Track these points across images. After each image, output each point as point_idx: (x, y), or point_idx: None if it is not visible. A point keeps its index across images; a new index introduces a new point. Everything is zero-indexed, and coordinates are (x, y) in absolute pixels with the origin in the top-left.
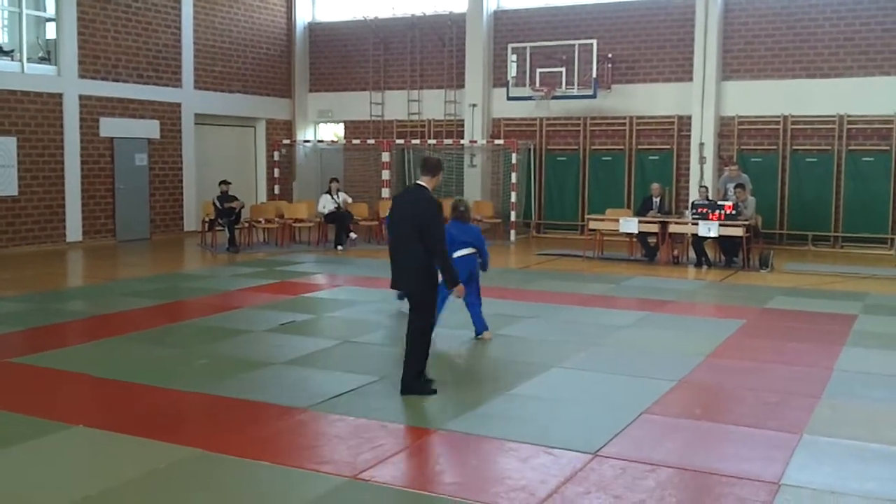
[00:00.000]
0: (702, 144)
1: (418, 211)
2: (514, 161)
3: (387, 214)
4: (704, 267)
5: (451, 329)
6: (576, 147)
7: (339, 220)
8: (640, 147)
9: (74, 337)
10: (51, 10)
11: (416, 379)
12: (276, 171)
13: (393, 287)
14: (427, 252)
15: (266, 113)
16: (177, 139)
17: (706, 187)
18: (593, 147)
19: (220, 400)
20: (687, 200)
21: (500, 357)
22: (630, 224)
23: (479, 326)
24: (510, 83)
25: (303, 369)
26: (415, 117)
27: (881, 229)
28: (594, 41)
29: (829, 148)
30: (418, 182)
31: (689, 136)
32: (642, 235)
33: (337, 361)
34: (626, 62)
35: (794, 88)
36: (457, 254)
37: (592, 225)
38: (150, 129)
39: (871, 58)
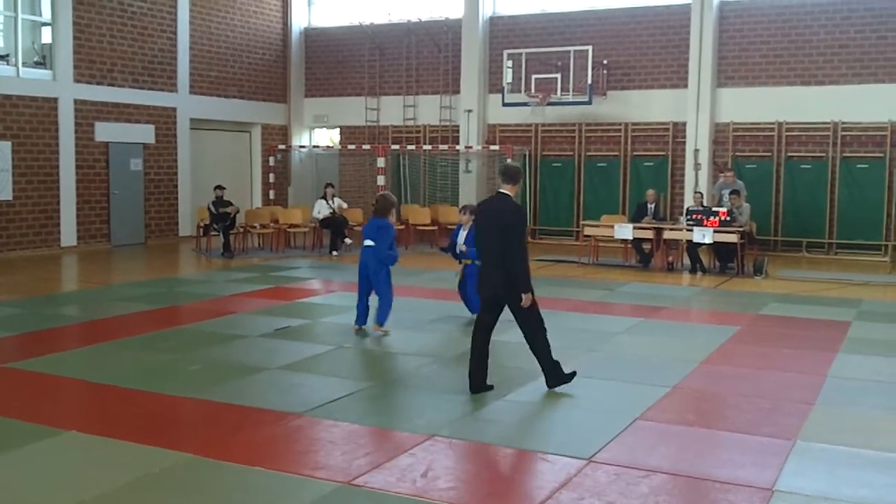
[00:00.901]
0: (696, 151)
1: (506, 218)
2: None
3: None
4: (699, 273)
5: (446, 335)
6: (571, 153)
7: (335, 226)
8: (635, 153)
9: (68, 342)
10: (46, 15)
11: (555, 369)
12: (272, 177)
13: (479, 291)
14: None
15: (261, 118)
16: (172, 144)
17: (701, 193)
18: (588, 153)
19: (214, 405)
20: (682, 207)
21: (496, 363)
22: (625, 230)
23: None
24: (505, 89)
25: (297, 375)
26: (410, 123)
27: (875, 236)
28: (589, 47)
29: (823, 155)
30: (501, 191)
31: (683, 143)
32: (637, 242)
33: (331, 367)
34: (621, 69)
35: (789, 95)
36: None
37: (587, 231)
38: (145, 133)
39: (865, 65)
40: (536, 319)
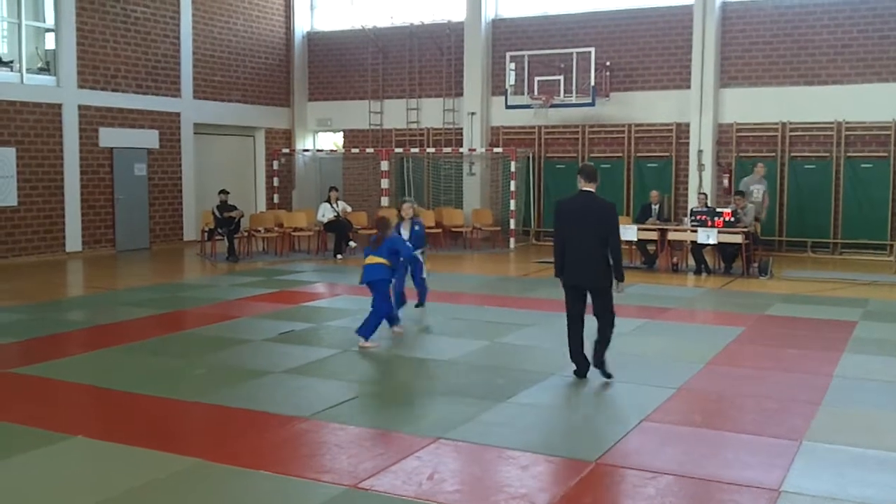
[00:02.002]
0: (700, 152)
1: (603, 215)
2: (513, 169)
3: (556, 222)
4: (704, 274)
5: (451, 338)
6: (574, 155)
7: (339, 229)
8: (638, 154)
9: (74, 347)
10: (50, 21)
11: (603, 359)
12: (276, 181)
13: (573, 283)
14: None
15: (265, 122)
16: (176, 149)
17: (705, 194)
18: (592, 155)
19: (220, 409)
20: (686, 207)
21: (500, 365)
22: (629, 231)
23: None
24: (509, 91)
25: (303, 378)
26: (414, 126)
27: (880, 235)
28: (592, 49)
29: (827, 155)
30: (587, 189)
31: (687, 144)
32: (641, 243)
33: (337, 370)
34: (624, 70)
35: (792, 95)
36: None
37: None
38: (149, 138)
39: (868, 65)
40: (612, 308)
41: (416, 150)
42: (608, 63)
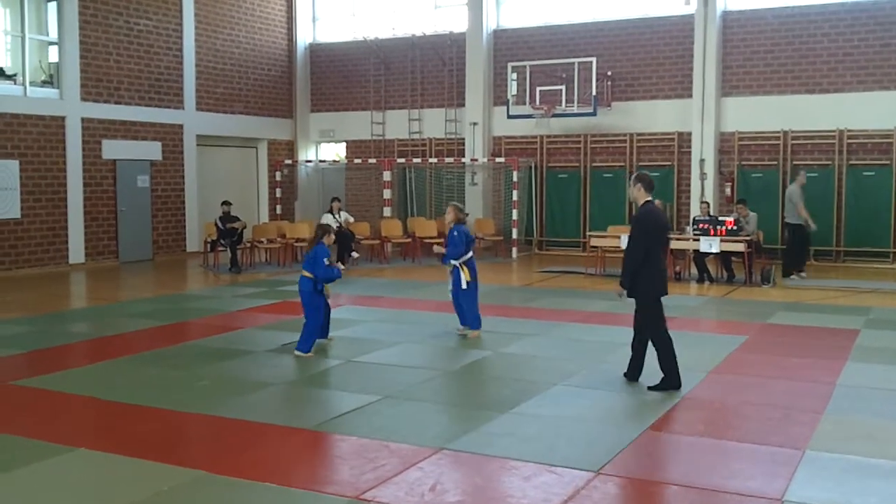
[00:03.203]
0: (702, 161)
1: (668, 224)
2: (515, 179)
3: (645, 231)
4: (706, 283)
5: (453, 348)
6: (576, 164)
7: (341, 240)
8: (640, 164)
9: (77, 359)
10: (53, 34)
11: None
12: (278, 191)
13: (662, 295)
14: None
15: (268, 133)
16: (179, 160)
17: (708, 203)
18: (594, 164)
19: (222, 421)
20: (688, 216)
21: (503, 375)
22: None
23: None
24: (510, 101)
25: (305, 389)
26: (416, 136)
27: (883, 243)
28: (594, 59)
29: (829, 163)
30: (651, 199)
31: (689, 153)
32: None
33: (339, 381)
34: (625, 80)
35: (794, 104)
36: (467, 256)
37: (594, 242)
38: (152, 150)
39: (869, 72)
40: None
41: (419, 160)
42: (609, 73)
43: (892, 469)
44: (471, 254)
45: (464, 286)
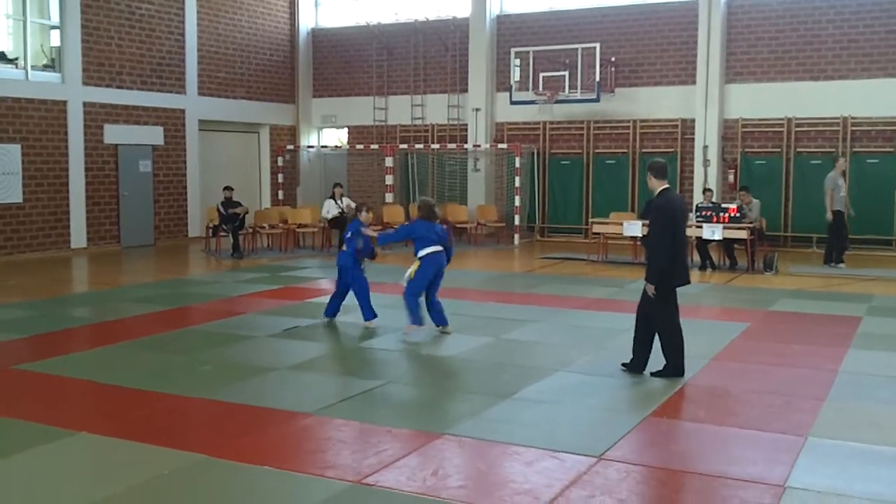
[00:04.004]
0: (706, 147)
1: (686, 212)
2: (517, 165)
3: (664, 221)
4: (709, 270)
5: (455, 334)
6: (579, 151)
7: (343, 225)
8: (643, 150)
9: (79, 343)
10: (55, 18)
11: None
12: (280, 177)
13: (682, 285)
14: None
15: (270, 119)
16: (181, 145)
17: (711, 190)
18: (597, 150)
19: (224, 405)
20: (691, 203)
21: (505, 361)
22: (634, 227)
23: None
24: (513, 87)
25: (307, 374)
26: (418, 122)
27: (886, 231)
28: (597, 45)
29: (833, 150)
30: (668, 185)
31: (692, 139)
32: (646, 239)
33: (341, 366)
34: (629, 66)
35: (798, 91)
36: (426, 251)
37: (596, 228)
38: (154, 135)
39: (874, 60)
40: None
41: (421, 146)
42: (613, 59)
43: (894, 456)
44: (433, 249)
45: (405, 277)
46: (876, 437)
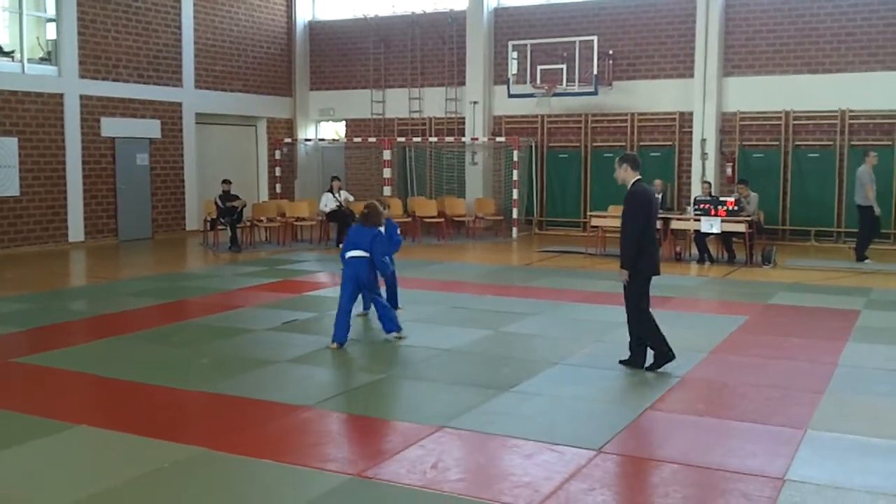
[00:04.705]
0: (704, 140)
1: (658, 203)
2: (515, 158)
3: (641, 209)
4: (707, 263)
5: (454, 327)
6: (577, 144)
7: (341, 219)
8: (641, 143)
9: (77, 337)
10: (51, 11)
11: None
12: (278, 170)
13: (656, 272)
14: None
15: (267, 112)
16: (178, 138)
17: (709, 183)
18: (595, 144)
19: (223, 399)
20: (689, 196)
21: (503, 354)
22: None
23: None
24: (511, 80)
25: (306, 367)
26: (416, 115)
27: (885, 224)
28: (595, 38)
29: (831, 143)
30: (640, 177)
31: (690, 133)
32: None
33: (340, 360)
34: (627, 59)
35: (796, 84)
36: (349, 254)
37: (594, 222)
38: (151, 128)
39: (872, 52)
40: None
41: (419, 139)
42: (611, 51)
43: (892, 448)
44: (352, 254)
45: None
46: (875, 429)
